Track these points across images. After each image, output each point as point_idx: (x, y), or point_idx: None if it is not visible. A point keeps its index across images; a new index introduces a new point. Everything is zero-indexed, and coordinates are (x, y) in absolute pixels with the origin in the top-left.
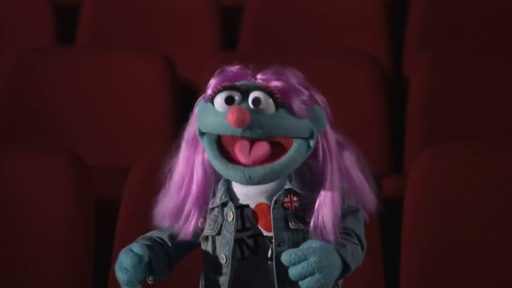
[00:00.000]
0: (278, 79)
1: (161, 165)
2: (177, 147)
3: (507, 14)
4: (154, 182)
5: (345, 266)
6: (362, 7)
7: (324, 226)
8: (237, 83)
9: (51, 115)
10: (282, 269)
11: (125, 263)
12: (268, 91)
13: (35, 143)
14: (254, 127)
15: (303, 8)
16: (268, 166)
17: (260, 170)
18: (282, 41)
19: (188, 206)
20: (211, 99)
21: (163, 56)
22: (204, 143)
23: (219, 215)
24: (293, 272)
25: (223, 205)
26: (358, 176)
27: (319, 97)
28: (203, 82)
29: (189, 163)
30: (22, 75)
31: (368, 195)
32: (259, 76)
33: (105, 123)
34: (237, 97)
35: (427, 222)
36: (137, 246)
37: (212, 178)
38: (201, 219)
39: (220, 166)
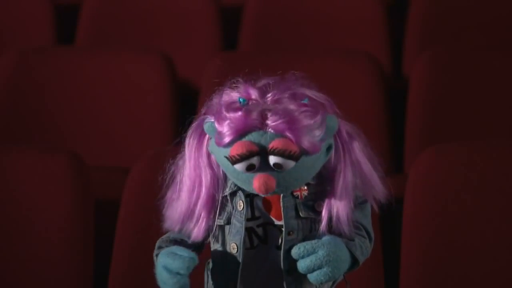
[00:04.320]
0: (289, 129)
1: (161, 165)
2: (181, 151)
3: (506, 14)
4: (154, 182)
5: (354, 260)
6: (362, 7)
7: (339, 219)
8: (251, 141)
9: (51, 115)
10: (290, 258)
11: (177, 267)
12: (286, 155)
13: (35, 143)
14: (280, 186)
15: (303, 8)
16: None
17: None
18: (282, 41)
19: (198, 208)
20: (230, 163)
21: (163, 56)
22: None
23: (228, 205)
24: (301, 265)
25: (233, 194)
26: (368, 166)
27: (324, 99)
28: (203, 82)
29: (197, 167)
30: (22, 75)
31: (377, 185)
32: (269, 123)
33: (105, 123)
34: (255, 161)
35: (427, 222)
36: (181, 250)
37: (221, 177)
38: (211, 222)
39: (239, 182)
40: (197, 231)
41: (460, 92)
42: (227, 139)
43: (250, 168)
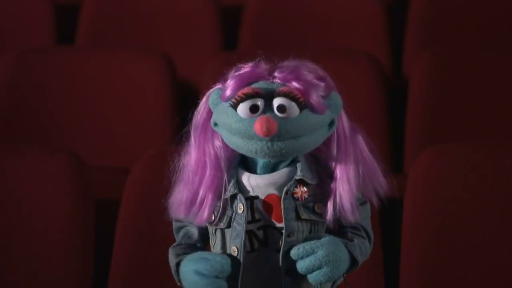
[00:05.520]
0: (296, 79)
1: (161, 165)
2: (187, 136)
3: (506, 14)
4: (154, 182)
5: (353, 260)
6: (362, 7)
7: (343, 207)
8: (257, 87)
9: (51, 115)
10: (289, 259)
11: (214, 271)
12: (292, 96)
13: (35, 143)
14: (281, 133)
15: (303, 8)
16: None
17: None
18: (282, 41)
19: (202, 191)
20: (233, 106)
21: (163, 56)
22: (220, 130)
23: (228, 208)
24: (301, 266)
25: (233, 197)
26: (370, 159)
27: (331, 80)
28: (203, 82)
29: (201, 150)
30: (22, 75)
31: (380, 176)
32: (276, 74)
33: (105, 123)
34: (260, 103)
35: (427, 222)
36: (210, 254)
37: (224, 165)
38: (214, 210)
39: (241, 141)
40: (200, 215)
41: (460, 92)
42: (233, 86)
43: (253, 110)
